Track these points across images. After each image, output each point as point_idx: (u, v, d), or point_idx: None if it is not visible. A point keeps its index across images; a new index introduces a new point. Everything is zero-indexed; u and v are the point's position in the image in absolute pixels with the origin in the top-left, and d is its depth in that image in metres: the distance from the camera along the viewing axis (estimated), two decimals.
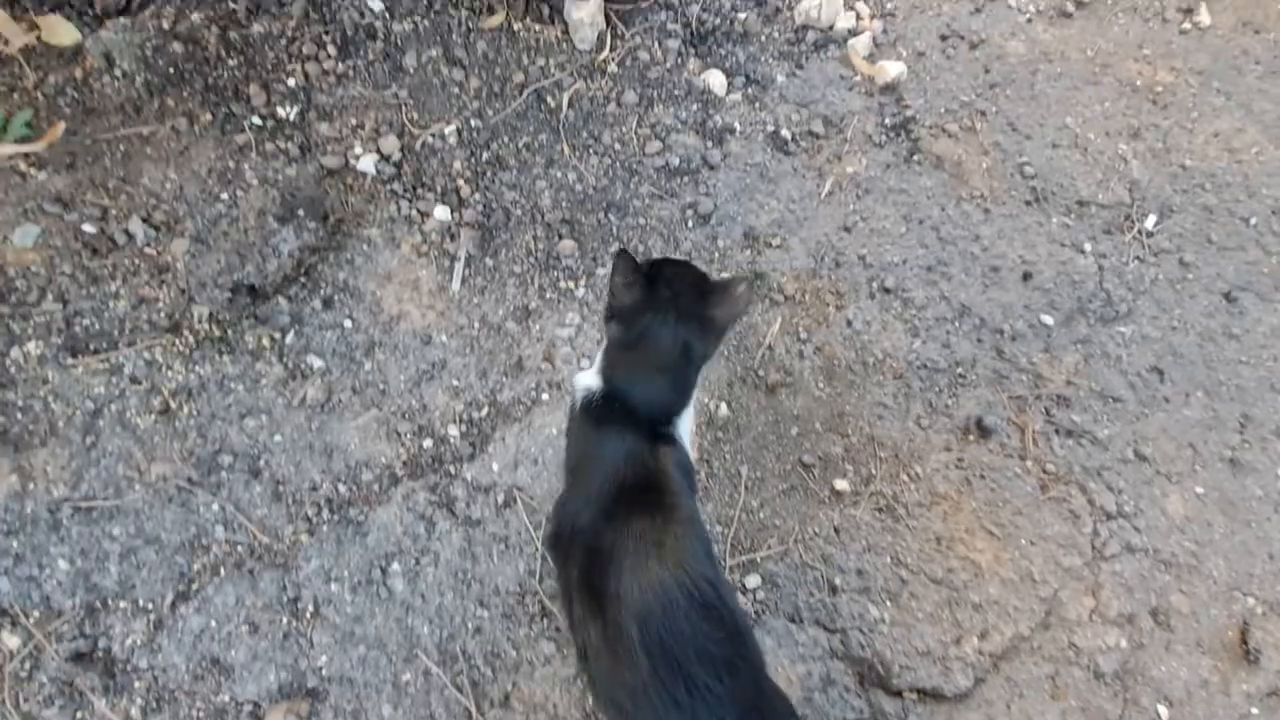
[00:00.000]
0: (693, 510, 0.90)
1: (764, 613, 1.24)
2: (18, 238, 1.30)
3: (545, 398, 1.32)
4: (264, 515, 1.18)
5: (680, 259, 1.17)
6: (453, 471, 1.24)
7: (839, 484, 1.36)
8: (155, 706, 1.08)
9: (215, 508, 1.18)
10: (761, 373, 1.42)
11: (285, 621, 1.13)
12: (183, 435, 1.22)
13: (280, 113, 1.47)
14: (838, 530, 1.33)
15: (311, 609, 1.14)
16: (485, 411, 1.30)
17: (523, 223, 1.46)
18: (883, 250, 1.54)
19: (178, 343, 1.28)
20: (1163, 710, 1.25)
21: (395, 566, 1.17)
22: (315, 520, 1.18)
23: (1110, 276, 1.57)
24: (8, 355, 1.24)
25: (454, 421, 1.28)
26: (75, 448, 1.19)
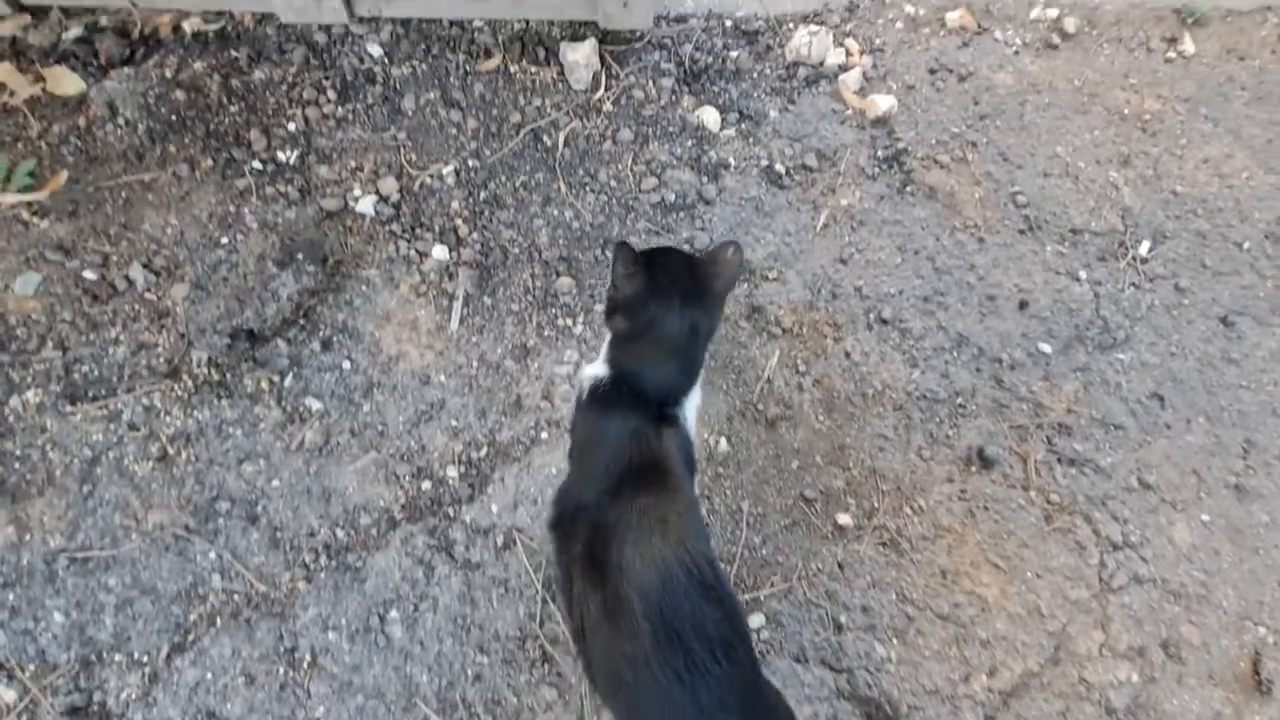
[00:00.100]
0: (691, 493, 0.93)
1: (769, 653, 1.22)
2: (19, 286, 1.31)
3: (544, 436, 1.32)
4: (261, 563, 1.17)
5: (667, 246, 1.20)
6: (451, 514, 1.23)
7: (841, 518, 1.35)
8: None
9: (212, 556, 1.17)
10: (761, 406, 1.42)
11: (282, 672, 1.11)
12: (180, 482, 1.21)
13: (280, 157, 1.49)
14: (842, 566, 1.31)
15: (309, 659, 1.12)
16: (484, 452, 1.29)
17: (520, 261, 1.47)
18: (879, 281, 1.55)
19: (176, 388, 1.28)
20: None
21: (393, 613, 1.15)
22: (313, 567, 1.17)
23: (1106, 303, 1.57)
24: (7, 404, 1.24)
25: (453, 462, 1.27)
26: (72, 497, 1.18)
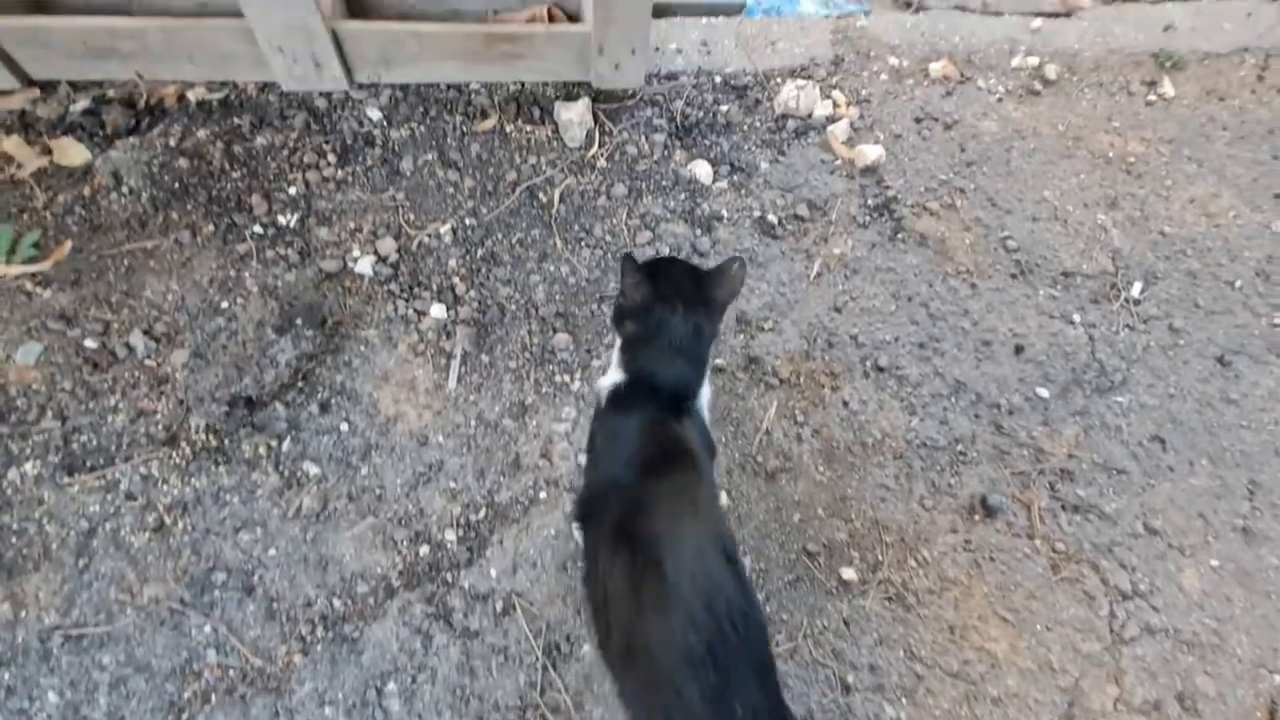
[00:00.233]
0: (711, 478, 0.98)
1: None
2: (20, 356, 1.32)
3: (543, 496, 1.31)
4: (257, 636, 1.15)
5: (671, 256, 1.25)
6: (450, 580, 1.21)
7: (846, 573, 1.33)
8: None
9: (207, 630, 1.15)
10: (760, 459, 1.41)
11: None
12: (176, 553, 1.20)
13: (281, 220, 1.51)
14: (847, 623, 1.29)
15: None
16: (483, 513, 1.29)
17: (517, 318, 1.48)
18: (874, 329, 1.56)
19: (174, 455, 1.28)
20: None
21: (391, 686, 1.13)
22: (309, 639, 1.15)
23: (1102, 346, 1.58)
24: (5, 476, 1.24)
25: (451, 526, 1.26)
26: (68, 571, 1.17)
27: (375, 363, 1.41)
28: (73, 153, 1.51)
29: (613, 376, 1.04)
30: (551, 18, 1.64)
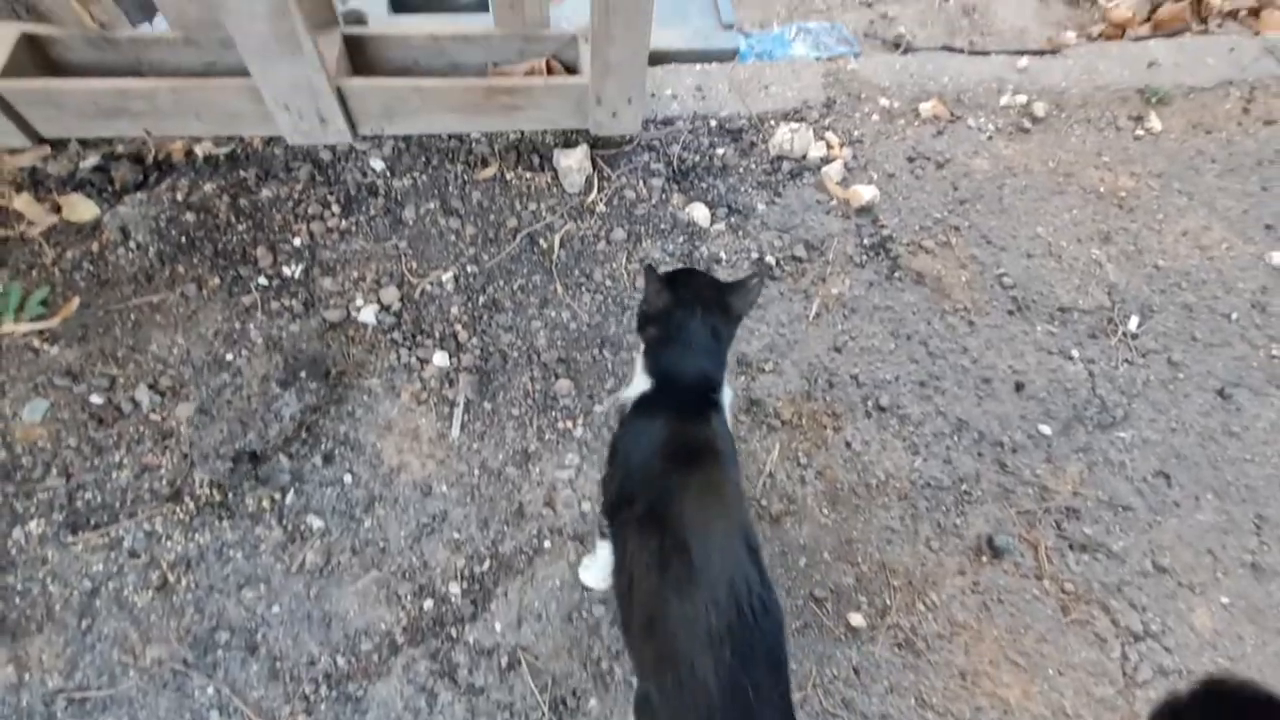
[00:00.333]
0: (736, 474, 1.02)
1: None
2: (26, 413, 1.33)
3: (547, 545, 1.31)
4: (260, 696, 1.14)
5: (690, 267, 1.30)
6: (454, 635, 1.20)
7: (854, 618, 1.32)
8: None
9: (210, 691, 1.14)
10: (764, 503, 1.41)
11: None
12: (180, 612, 1.20)
13: (286, 271, 1.53)
14: (857, 671, 1.28)
15: None
16: (487, 565, 1.28)
17: (519, 364, 1.49)
18: (874, 368, 1.57)
19: (178, 510, 1.28)
20: None
21: None
22: (313, 699, 1.14)
23: (1102, 381, 1.59)
24: (10, 536, 1.24)
25: (455, 578, 1.26)
26: (71, 633, 1.16)
27: (379, 412, 1.42)
28: (82, 209, 1.54)
29: (637, 386, 1.08)
30: (550, 69, 1.69)
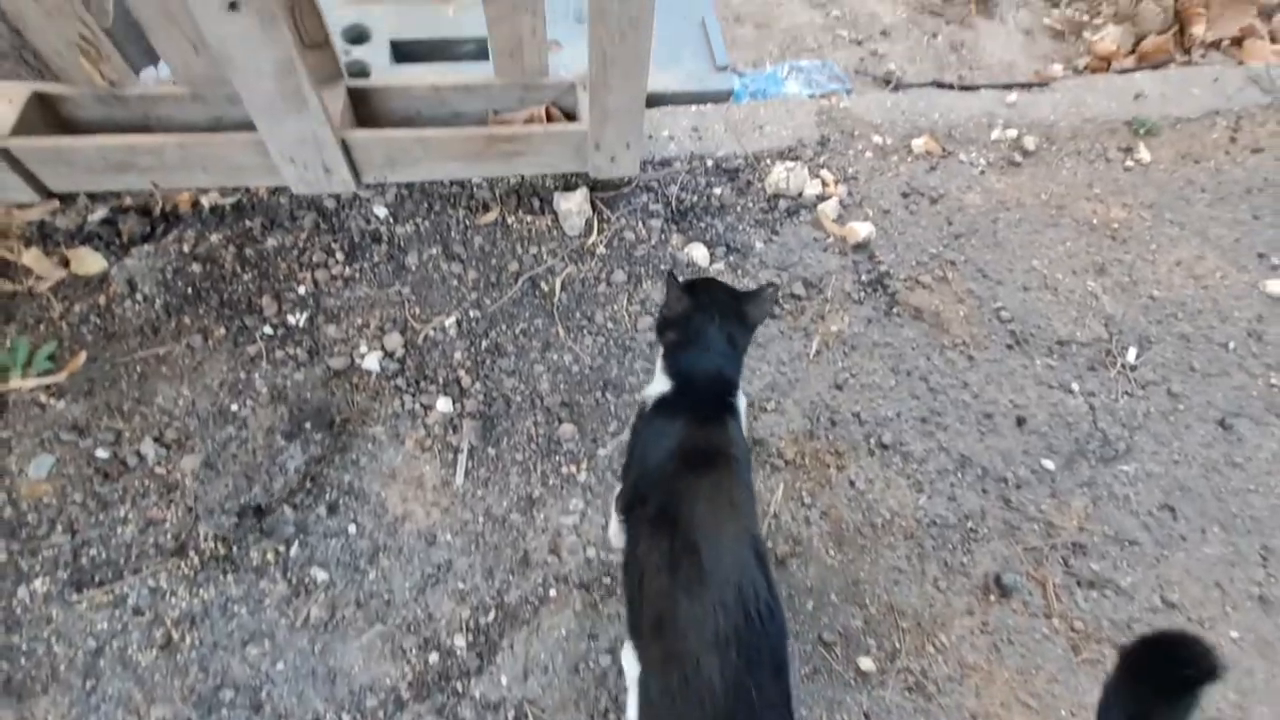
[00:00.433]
0: (748, 480, 1.05)
1: None
2: (33, 470, 1.33)
3: (553, 594, 1.30)
4: None
5: (709, 277, 1.36)
6: (460, 689, 1.19)
7: (864, 662, 1.31)
8: None
9: None
10: (770, 544, 1.41)
11: None
12: (184, 670, 1.19)
13: (291, 320, 1.55)
14: (868, 716, 1.26)
15: None
16: (492, 615, 1.27)
17: (523, 409, 1.50)
18: (876, 405, 1.58)
19: (182, 565, 1.28)
20: None
21: None
22: None
23: (1103, 414, 1.59)
24: (15, 595, 1.23)
25: (460, 630, 1.25)
26: (76, 694, 1.16)
27: (382, 460, 1.42)
28: (90, 262, 1.56)
29: (658, 386, 1.13)
30: (549, 115, 1.72)
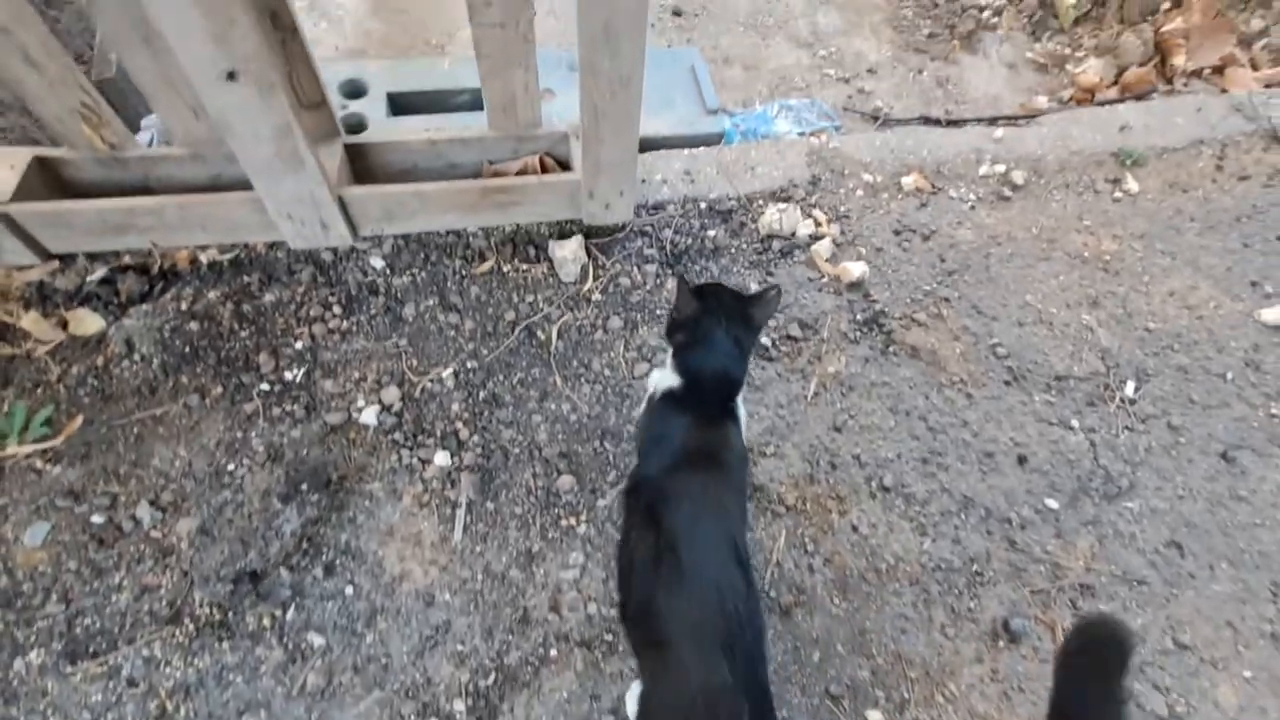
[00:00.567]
0: (741, 483, 1.10)
1: None
2: (28, 537, 1.32)
3: (554, 654, 1.28)
4: None
5: (717, 282, 1.40)
6: None
7: (872, 716, 1.28)
8: None
9: None
10: (773, 594, 1.39)
11: None
12: None
13: (288, 376, 1.55)
14: None
15: None
16: (492, 678, 1.25)
17: (521, 461, 1.49)
18: (876, 446, 1.57)
19: (177, 633, 1.26)
20: None
21: None
22: None
23: (1104, 451, 1.58)
24: (11, 667, 1.21)
25: (460, 695, 1.23)
26: None
27: (380, 518, 1.41)
28: (88, 323, 1.56)
29: (666, 378, 1.18)
30: (543, 164, 1.75)
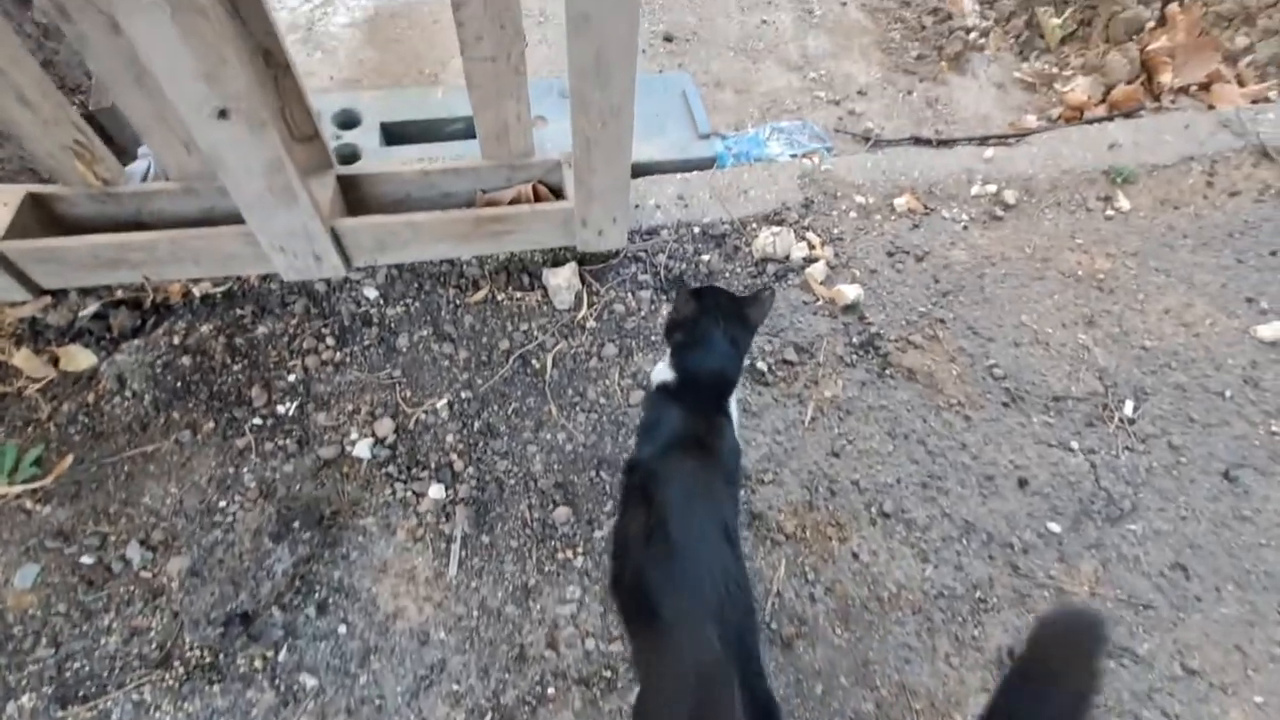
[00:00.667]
0: (731, 471, 1.16)
1: None
2: (18, 580, 1.30)
3: (551, 692, 1.26)
4: None
5: (714, 285, 1.45)
6: None
7: None
8: None
9: None
10: (774, 625, 1.36)
11: None
12: None
13: (280, 410, 1.54)
14: None
15: None
16: (489, 719, 1.22)
17: (516, 492, 1.48)
18: (875, 471, 1.55)
19: (167, 677, 1.23)
20: None
21: None
22: None
23: (1105, 472, 1.57)
24: (4, 712, 1.19)
25: None
26: None
27: (373, 553, 1.39)
28: (80, 359, 1.56)
29: (664, 373, 1.24)
30: (537, 193, 1.75)
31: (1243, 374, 1.73)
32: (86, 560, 1.33)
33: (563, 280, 1.73)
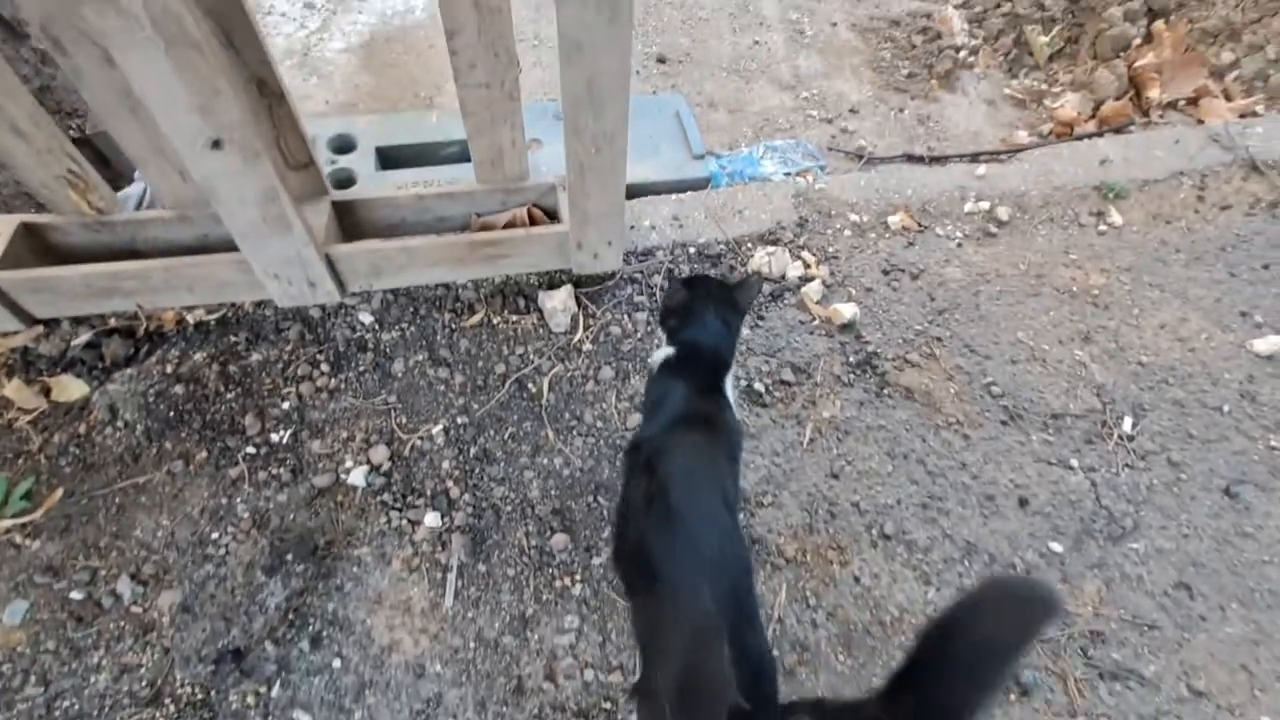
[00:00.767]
0: (732, 446, 1.18)
1: None
2: (7, 616, 1.28)
3: None
4: None
5: (705, 274, 1.50)
6: None
7: None
8: None
9: None
10: (776, 653, 1.34)
11: None
12: None
13: (274, 438, 1.52)
14: None
15: None
16: None
17: (513, 519, 1.46)
18: (874, 493, 1.54)
19: (158, 715, 1.21)
20: None
21: None
22: None
23: (1105, 490, 1.56)
24: None
25: None
26: None
27: (368, 584, 1.37)
28: (71, 389, 1.54)
29: (666, 352, 1.28)
30: (532, 217, 1.75)
31: (1239, 388, 1.73)
32: (76, 595, 1.31)
33: (558, 303, 1.72)
